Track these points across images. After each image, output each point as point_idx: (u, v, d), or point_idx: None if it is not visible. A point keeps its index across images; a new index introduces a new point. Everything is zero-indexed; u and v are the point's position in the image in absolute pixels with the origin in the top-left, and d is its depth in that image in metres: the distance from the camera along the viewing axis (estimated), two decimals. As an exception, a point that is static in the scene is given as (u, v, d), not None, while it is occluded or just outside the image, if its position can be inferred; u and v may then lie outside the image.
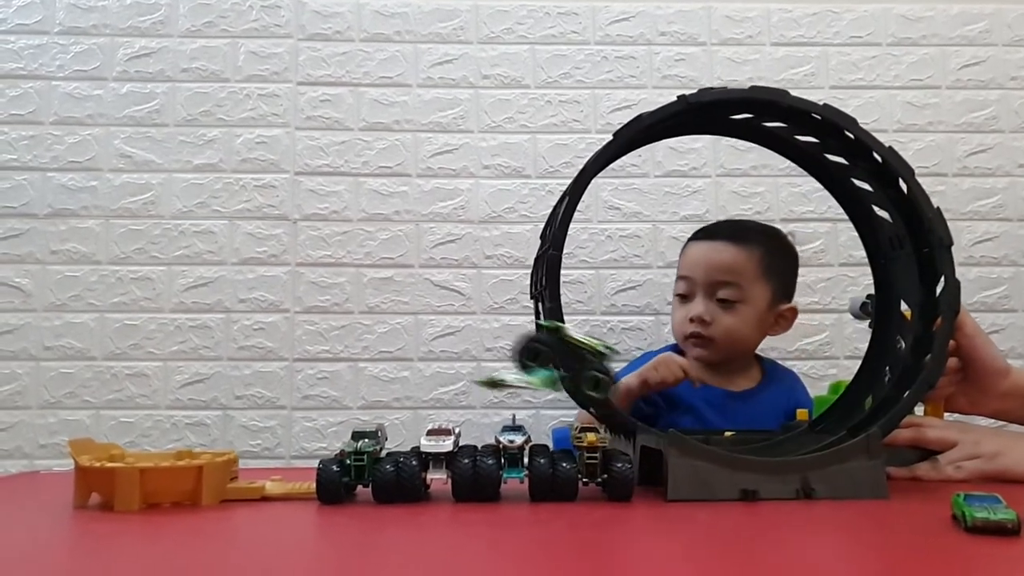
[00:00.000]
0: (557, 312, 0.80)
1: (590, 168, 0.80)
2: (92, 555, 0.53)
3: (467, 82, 1.50)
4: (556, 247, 0.80)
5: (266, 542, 0.56)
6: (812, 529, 0.59)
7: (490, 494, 0.68)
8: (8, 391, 1.41)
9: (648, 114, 0.79)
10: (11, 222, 1.44)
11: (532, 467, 0.69)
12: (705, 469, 0.68)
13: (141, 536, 0.57)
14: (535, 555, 0.51)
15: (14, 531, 0.59)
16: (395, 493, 0.68)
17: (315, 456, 1.41)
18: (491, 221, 1.48)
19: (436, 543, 0.55)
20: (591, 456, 0.69)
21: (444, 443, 0.70)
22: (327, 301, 1.45)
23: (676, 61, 1.51)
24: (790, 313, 1.26)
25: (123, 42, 1.49)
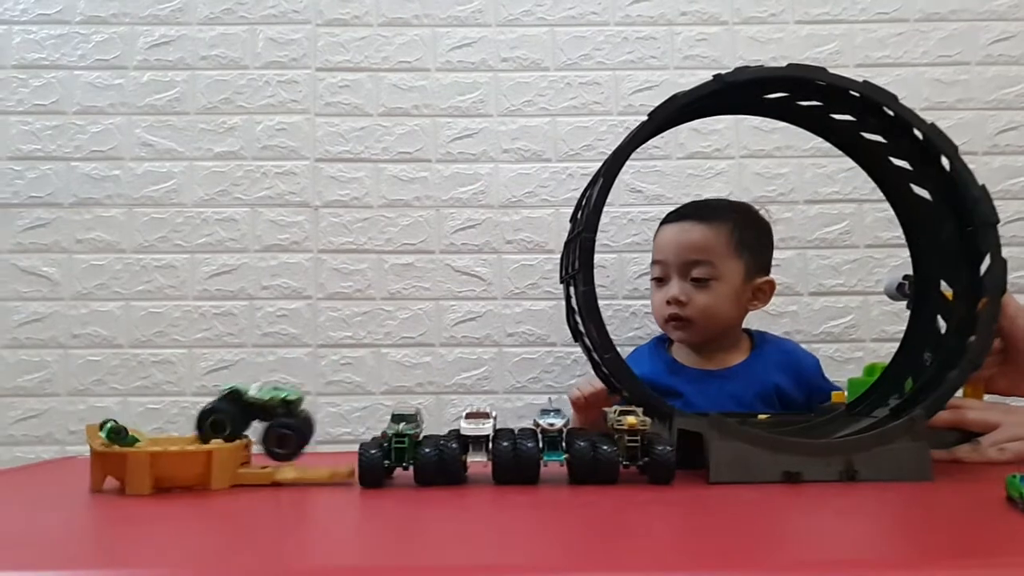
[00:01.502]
0: (591, 296, 0.80)
1: (624, 149, 0.79)
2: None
3: (486, 65, 1.49)
4: (589, 229, 0.80)
5: (316, 525, 0.56)
6: (858, 511, 0.58)
7: (530, 477, 0.69)
8: (38, 378, 1.42)
9: (683, 94, 0.78)
10: (37, 212, 1.45)
11: (573, 450, 0.68)
12: (747, 451, 0.68)
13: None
14: (581, 537, 0.51)
15: (31, 513, 0.60)
16: (436, 476, 0.68)
17: (339, 441, 1.42)
18: (511, 206, 1.47)
19: (481, 525, 0.56)
20: (632, 439, 0.69)
21: (484, 426, 0.70)
22: (349, 287, 1.45)
23: (698, 41, 1.50)
24: (767, 286, 1.26)
25: (143, 31, 1.48)
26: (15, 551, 0.47)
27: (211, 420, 0.71)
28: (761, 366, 1.25)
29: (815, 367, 1.29)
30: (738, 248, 1.22)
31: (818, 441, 0.69)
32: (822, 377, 1.29)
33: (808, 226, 1.47)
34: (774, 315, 1.45)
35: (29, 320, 1.43)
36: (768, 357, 1.26)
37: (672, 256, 1.23)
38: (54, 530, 0.53)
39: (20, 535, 0.52)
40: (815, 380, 1.27)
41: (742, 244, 1.23)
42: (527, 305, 1.45)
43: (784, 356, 1.28)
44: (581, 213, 0.84)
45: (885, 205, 1.42)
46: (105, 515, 0.60)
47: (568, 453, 0.69)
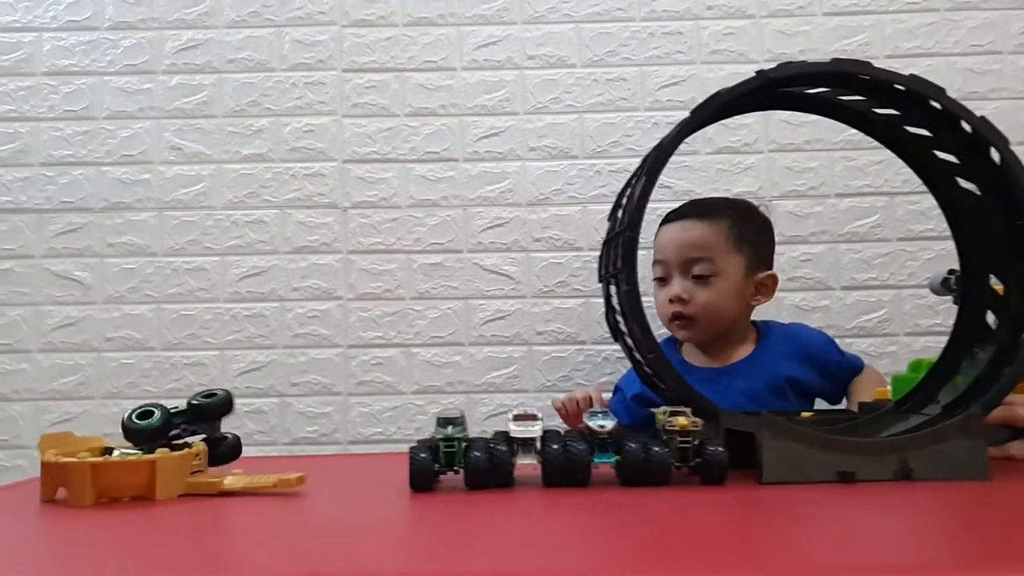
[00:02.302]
0: (635, 295, 0.79)
1: (668, 146, 0.78)
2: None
3: (512, 63, 1.49)
4: (632, 228, 0.79)
5: (367, 531, 0.56)
6: (916, 512, 0.58)
7: (580, 479, 0.68)
8: (73, 382, 1.43)
9: (726, 90, 0.78)
10: (69, 216, 1.46)
11: (625, 452, 0.68)
12: (799, 451, 0.68)
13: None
14: (639, 541, 0.50)
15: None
16: (487, 479, 0.68)
17: (371, 441, 1.43)
18: (539, 204, 1.47)
19: (536, 529, 0.55)
20: (684, 440, 0.69)
21: (533, 428, 0.70)
22: (379, 288, 1.46)
23: (724, 35, 1.49)
24: (770, 280, 1.25)
25: (170, 35, 1.49)
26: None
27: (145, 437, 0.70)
28: (768, 358, 1.24)
29: (824, 345, 1.27)
30: (737, 243, 1.22)
31: (871, 440, 0.69)
32: (836, 352, 1.27)
33: (839, 220, 1.46)
34: (806, 310, 1.44)
35: (63, 324, 1.45)
36: (774, 348, 1.26)
37: (672, 255, 1.22)
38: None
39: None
40: (828, 358, 1.25)
41: (741, 239, 1.22)
42: (556, 303, 1.45)
43: (790, 344, 1.27)
44: (622, 212, 0.83)
45: (918, 198, 1.44)
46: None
47: (619, 455, 0.68)
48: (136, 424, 0.69)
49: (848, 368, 1.26)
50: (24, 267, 1.46)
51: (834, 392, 1.27)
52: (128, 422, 0.69)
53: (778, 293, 1.44)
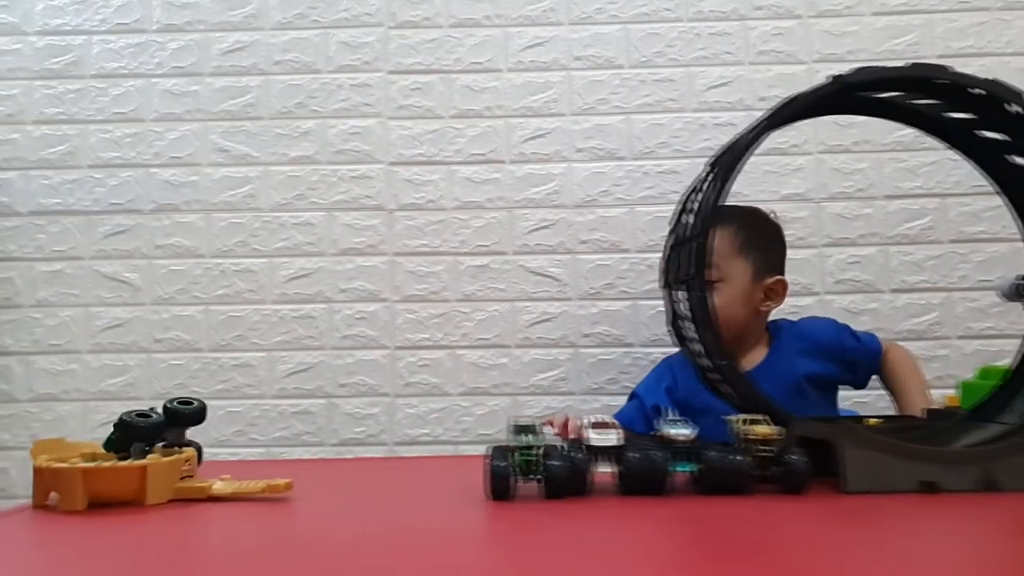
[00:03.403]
0: (707, 302, 0.79)
1: (742, 151, 0.78)
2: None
3: (559, 64, 1.48)
4: (706, 234, 0.79)
5: (450, 541, 0.56)
6: (1004, 523, 0.57)
7: (658, 487, 0.68)
8: (121, 383, 1.45)
9: (802, 95, 0.77)
10: (118, 218, 1.47)
11: (705, 460, 0.68)
12: (881, 460, 0.67)
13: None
14: (726, 553, 0.50)
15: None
16: (565, 487, 0.67)
17: (418, 442, 1.43)
18: (586, 205, 1.47)
19: (624, 539, 0.55)
20: (763, 449, 0.68)
21: (612, 436, 0.69)
22: (425, 290, 1.46)
23: (772, 35, 1.48)
24: (778, 286, 1.23)
25: (217, 37, 1.50)
26: None
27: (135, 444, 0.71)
28: (782, 359, 1.23)
29: (836, 335, 1.25)
30: (743, 249, 1.21)
31: (954, 449, 0.68)
32: (851, 338, 1.25)
33: (888, 222, 1.45)
34: (855, 312, 1.43)
35: (112, 325, 1.46)
36: (788, 347, 1.24)
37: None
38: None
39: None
40: (843, 347, 1.24)
41: (747, 245, 1.21)
42: (603, 306, 1.45)
43: (803, 341, 1.25)
44: (692, 216, 0.83)
45: (970, 199, 1.42)
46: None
47: (699, 463, 0.68)
48: (140, 422, 0.71)
49: (867, 352, 1.24)
50: (74, 268, 1.47)
51: (857, 379, 1.25)
52: (131, 419, 0.71)
53: (826, 296, 1.44)
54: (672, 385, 1.26)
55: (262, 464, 1.12)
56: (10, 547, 0.56)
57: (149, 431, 0.71)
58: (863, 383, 1.25)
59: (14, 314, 1.47)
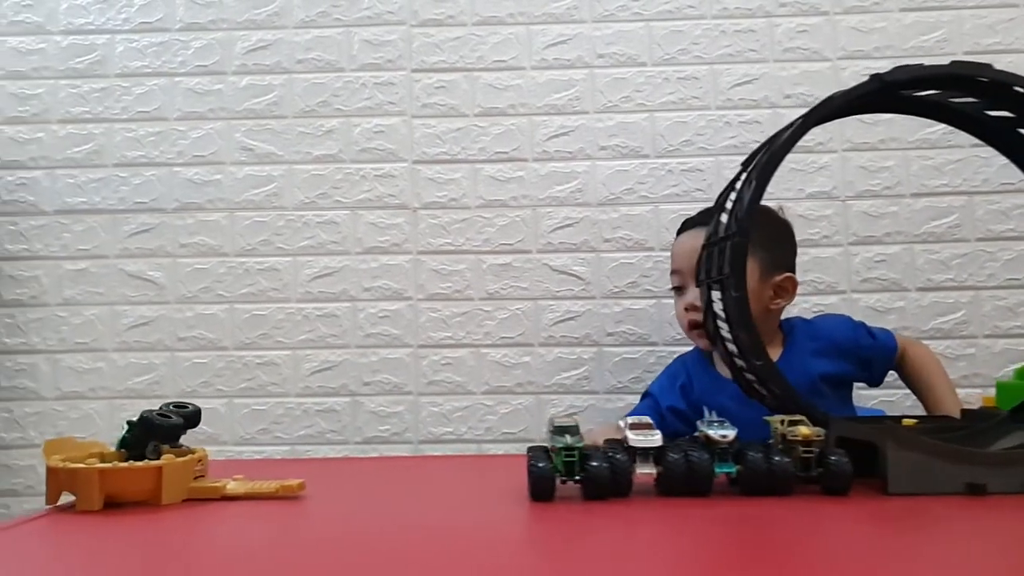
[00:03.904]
0: (744, 302, 0.79)
1: (780, 150, 0.77)
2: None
3: (582, 62, 1.48)
4: (743, 233, 0.79)
5: (492, 540, 0.56)
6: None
7: (701, 489, 0.67)
8: (147, 381, 1.45)
9: (840, 94, 0.77)
10: (142, 217, 1.48)
11: (746, 461, 0.67)
12: (926, 462, 0.66)
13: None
14: (774, 556, 0.50)
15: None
16: (606, 489, 0.67)
17: (442, 441, 1.43)
18: (610, 203, 1.46)
19: (672, 542, 0.55)
20: (807, 450, 0.68)
21: (653, 437, 0.69)
22: (448, 288, 1.46)
23: (798, 33, 1.47)
24: (788, 283, 1.21)
25: (240, 36, 1.50)
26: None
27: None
28: (797, 359, 1.21)
29: (851, 334, 1.23)
30: (750, 247, 1.19)
31: (1001, 451, 0.67)
32: (866, 336, 1.23)
33: (915, 220, 1.44)
34: (880, 311, 1.42)
35: (137, 324, 1.47)
36: (802, 346, 1.22)
37: (685, 263, 1.21)
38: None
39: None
40: (859, 345, 1.21)
41: (754, 243, 1.19)
42: (627, 304, 1.44)
43: (817, 341, 1.23)
44: (728, 216, 0.82)
45: (998, 197, 1.41)
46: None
47: (741, 464, 0.68)
48: (161, 421, 0.71)
49: (883, 350, 1.22)
50: (99, 267, 1.48)
51: (873, 377, 1.23)
52: (155, 418, 0.71)
53: (852, 294, 1.43)
54: (687, 384, 1.25)
55: (273, 464, 1.12)
56: (44, 549, 0.56)
57: (169, 431, 0.72)
58: (879, 381, 1.24)
59: (40, 312, 1.47)
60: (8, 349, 1.47)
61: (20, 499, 1.44)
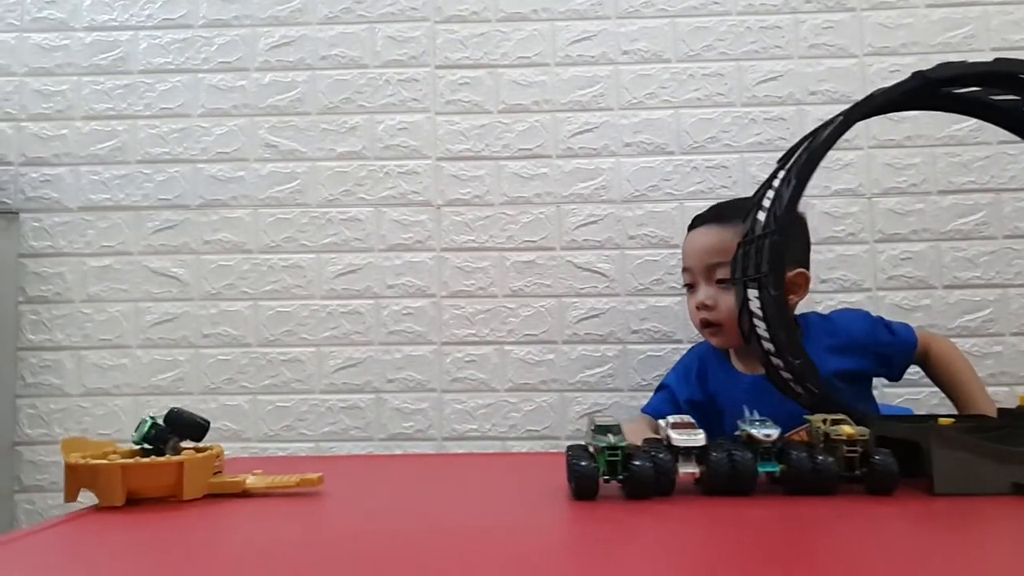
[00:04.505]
0: (782, 300, 0.78)
1: (819, 150, 0.77)
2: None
3: (607, 59, 1.47)
4: (782, 232, 0.78)
5: (538, 539, 0.56)
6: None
7: (744, 488, 0.67)
8: (171, 377, 1.46)
9: (881, 92, 0.76)
10: (166, 214, 1.48)
11: (790, 460, 0.67)
12: (972, 462, 0.66)
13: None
14: (826, 558, 0.50)
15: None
16: (649, 488, 0.67)
17: (466, 438, 1.43)
18: (634, 200, 1.46)
19: (716, 539, 0.54)
20: (851, 449, 0.67)
21: (697, 437, 0.69)
22: (472, 285, 1.46)
23: (824, 29, 1.46)
24: (800, 278, 1.19)
25: (263, 32, 1.50)
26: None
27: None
28: (812, 354, 1.18)
29: (869, 330, 1.21)
30: None
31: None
32: (885, 332, 1.21)
33: (942, 217, 1.43)
34: (907, 309, 1.41)
35: (161, 320, 1.47)
36: (817, 342, 1.21)
37: (695, 261, 1.21)
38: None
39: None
40: (877, 341, 1.20)
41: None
42: (652, 301, 1.44)
43: (834, 338, 1.21)
44: (767, 214, 0.82)
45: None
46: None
47: (784, 464, 0.67)
48: (193, 418, 0.72)
49: (902, 346, 1.20)
50: (123, 264, 1.48)
51: (892, 372, 1.22)
52: (186, 414, 0.72)
53: (877, 292, 1.42)
54: (702, 375, 1.25)
55: (297, 461, 1.12)
56: (80, 549, 0.56)
57: (196, 428, 0.72)
58: (898, 376, 1.23)
59: (65, 309, 1.48)
60: (33, 345, 1.48)
61: (45, 495, 1.45)
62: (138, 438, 0.71)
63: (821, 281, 1.42)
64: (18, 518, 1.45)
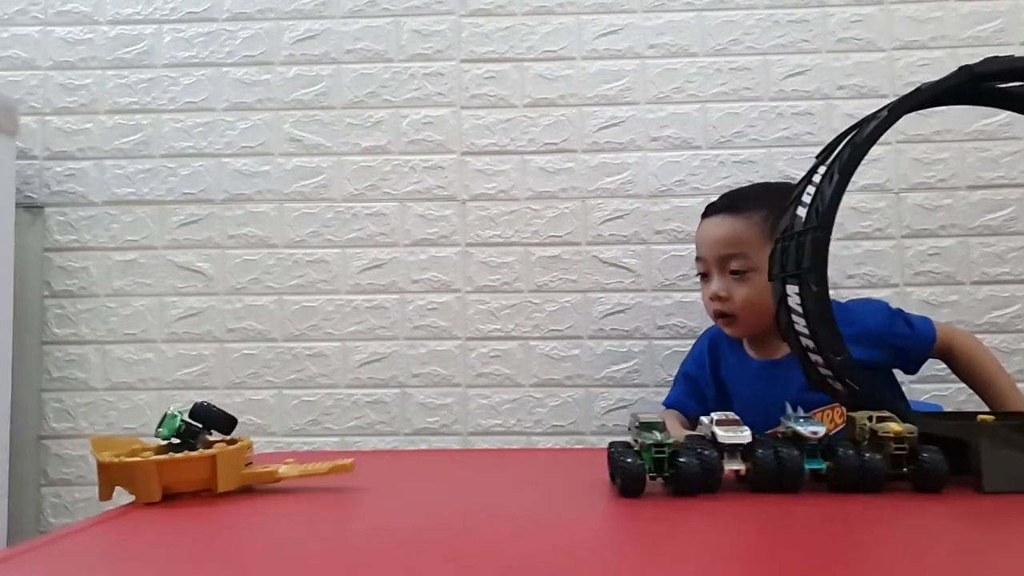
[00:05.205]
0: (824, 297, 0.78)
1: (864, 145, 0.76)
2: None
3: (633, 52, 1.46)
4: (824, 228, 0.77)
5: (591, 537, 0.56)
6: None
7: (791, 486, 0.67)
8: (196, 372, 1.46)
9: (927, 86, 0.75)
10: (191, 208, 1.48)
11: (837, 458, 0.66)
12: (1020, 459, 0.65)
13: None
14: (876, 556, 0.49)
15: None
16: (696, 485, 0.67)
17: (491, 433, 1.43)
18: (660, 195, 1.45)
19: (767, 538, 0.54)
20: (899, 447, 0.67)
21: (743, 434, 0.68)
22: (497, 280, 1.45)
23: (852, 23, 1.44)
24: None
25: (288, 25, 1.50)
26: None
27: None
28: None
29: (887, 323, 1.19)
30: (774, 234, 1.16)
31: (1100, 451, 0.66)
32: (904, 325, 1.19)
33: (970, 213, 1.42)
34: (934, 305, 1.40)
35: (186, 315, 1.47)
36: None
37: (708, 252, 1.20)
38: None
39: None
40: (895, 334, 1.18)
41: (775, 226, 1.17)
42: (678, 297, 1.43)
43: (849, 328, 1.15)
44: (808, 209, 0.81)
45: (1058, 190, 1.39)
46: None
47: (830, 461, 0.67)
48: (222, 412, 0.72)
49: (920, 341, 1.18)
50: (148, 258, 1.49)
51: (907, 365, 1.20)
52: (215, 408, 0.72)
53: (905, 288, 1.41)
54: (715, 358, 1.26)
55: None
56: (129, 545, 0.56)
57: (226, 421, 0.72)
58: (914, 370, 1.21)
59: (90, 303, 1.48)
60: (58, 340, 1.48)
61: (72, 488, 1.46)
62: (168, 433, 0.70)
63: (848, 277, 1.41)
64: (44, 511, 1.45)
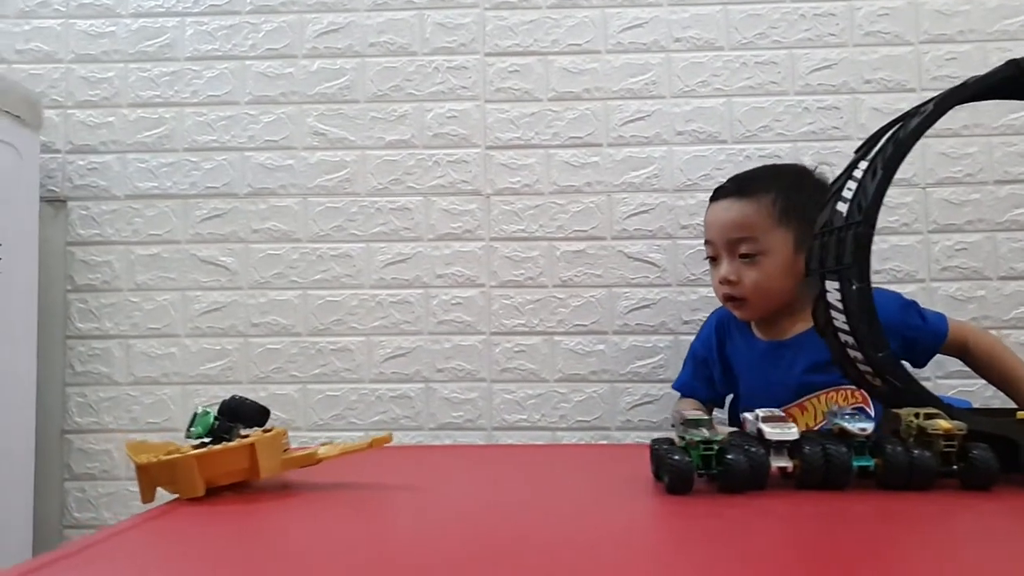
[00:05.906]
0: (867, 293, 0.77)
1: (908, 140, 0.75)
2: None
3: (658, 46, 1.46)
4: (867, 224, 0.77)
5: (642, 534, 0.56)
6: None
7: (839, 482, 0.66)
8: (220, 366, 1.46)
9: (974, 81, 0.74)
10: (214, 202, 1.48)
11: (886, 455, 0.66)
12: (1072, 458, 0.65)
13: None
14: (936, 555, 0.49)
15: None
16: (744, 482, 0.66)
17: (516, 428, 1.43)
18: (686, 189, 1.44)
19: (823, 536, 0.54)
20: (948, 444, 0.66)
21: (790, 430, 0.68)
22: (521, 275, 1.45)
23: (879, 16, 1.43)
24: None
25: (311, 18, 1.49)
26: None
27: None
28: None
29: (898, 314, 1.17)
30: (783, 217, 1.16)
31: None
32: (916, 317, 1.18)
33: (998, 207, 1.41)
34: (961, 300, 1.40)
35: (209, 309, 1.47)
36: None
37: (717, 235, 1.20)
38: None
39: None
40: (906, 325, 1.17)
41: (788, 212, 1.16)
42: (703, 292, 1.43)
43: None
44: (849, 204, 0.80)
45: (1087, 185, 1.38)
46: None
47: (879, 458, 0.66)
48: (255, 404, 0.72)
49: (931, 335, 1.17)
50: (171, 252, 1.49)
51: (915, 358, 1.19)
52: (248, 401, 0.72)
53: (931, 283, 1.40)
54: (722, 337, 1.27)
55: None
56: (187, 541, 0.56)
57: (257, 414, 0.72)
58: (922, 364, 1.20)
59: (113, 298, 1.48)
60: (81, 334, 1.49)
61: (96, 483, 1.46)
62: (202, 431, 0.70)
63: (874, 272, 1.39)
64: (69, 506, 1.46)
